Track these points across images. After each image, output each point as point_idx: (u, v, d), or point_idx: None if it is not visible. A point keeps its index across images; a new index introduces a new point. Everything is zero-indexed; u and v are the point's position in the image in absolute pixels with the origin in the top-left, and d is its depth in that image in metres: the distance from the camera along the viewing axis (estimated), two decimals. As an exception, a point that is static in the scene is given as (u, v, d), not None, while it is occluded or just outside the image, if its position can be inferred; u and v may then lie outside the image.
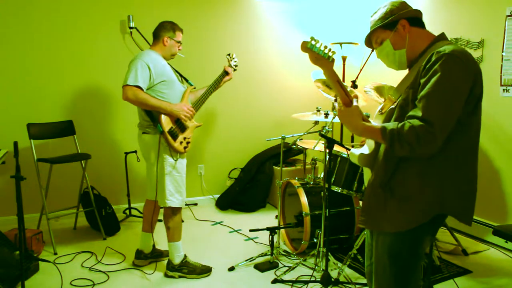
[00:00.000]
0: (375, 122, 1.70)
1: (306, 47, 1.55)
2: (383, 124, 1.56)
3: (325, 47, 1.57)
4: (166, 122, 2.78)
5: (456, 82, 1.47)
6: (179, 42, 2.94)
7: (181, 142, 2.84)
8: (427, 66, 1.51)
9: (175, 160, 2.85)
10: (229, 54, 3.29)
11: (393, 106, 1.65)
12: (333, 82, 1.65)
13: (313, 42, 1.55)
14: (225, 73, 3.14)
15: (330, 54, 1.58)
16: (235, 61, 3.28)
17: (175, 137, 2.81)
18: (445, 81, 1.46)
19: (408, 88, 1.58)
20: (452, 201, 1.56)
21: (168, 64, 2.93)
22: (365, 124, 1.61)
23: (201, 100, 3.01)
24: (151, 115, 2.80)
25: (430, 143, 1.44)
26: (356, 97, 1.69)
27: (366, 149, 1.75)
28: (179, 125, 2.86)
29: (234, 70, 3.25)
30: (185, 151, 2.89)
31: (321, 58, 1.58)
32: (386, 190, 1.60)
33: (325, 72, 1.63)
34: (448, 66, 1.47)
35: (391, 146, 1.51)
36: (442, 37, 1.66)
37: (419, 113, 1.46)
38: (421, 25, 1.70)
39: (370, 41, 1.79)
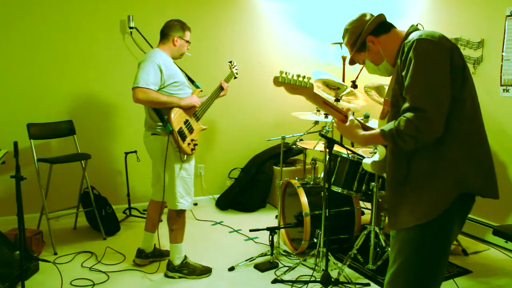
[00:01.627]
0: (380, 127, 1.70)
1: (279, 81, 1.54)
2: (381, 127, 1.56)
3: (298, 75, 1.56)
4: (176, 122, 2.73)
5: (432, 61, 1.48)
6: (188, 41, 2.92)
7: (188, 144, 2.80)
8: (403, 58, 1.54)
9: (184, 162, 2.81)
10: (230, 62, 3.38)
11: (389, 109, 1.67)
12: (320, 105, 1.66)
13: (283, 75, 1.53)
14: (221, 88, 3.13)
15: (305, 80, 1.57)
16: (236, 69, 3.36)
17: (184, 138, 2.76)
18: (421, 65, 1.48)
19: (394, 84, 1.60)
20: (472, 177, 1.53)
21: (177, 65, 2.90)
22: (365, 134, 1.63)
23: (199, 112, 2.97)
24: (160, 115, 2.75)
25: (429, 128, 1.44)
26: (349, 109, 1.73)
27: (377, 157, 1.76)
28: (188, 126, 2.83)
29: (235, 77, 3.34)
30: (192, 153, 2.85)
31: (298, 87, 1.58)
32: (405, 184, 1.58)
33: (308, 99, 1.63)
34: (420, 49, 1.49)
35: (395, 144, 1.51)
36: (410, 29, 1.66)
37: (409, 104, 1.48)
38: (387, 28, 1.71)
39: (354, 61, 1.84)
